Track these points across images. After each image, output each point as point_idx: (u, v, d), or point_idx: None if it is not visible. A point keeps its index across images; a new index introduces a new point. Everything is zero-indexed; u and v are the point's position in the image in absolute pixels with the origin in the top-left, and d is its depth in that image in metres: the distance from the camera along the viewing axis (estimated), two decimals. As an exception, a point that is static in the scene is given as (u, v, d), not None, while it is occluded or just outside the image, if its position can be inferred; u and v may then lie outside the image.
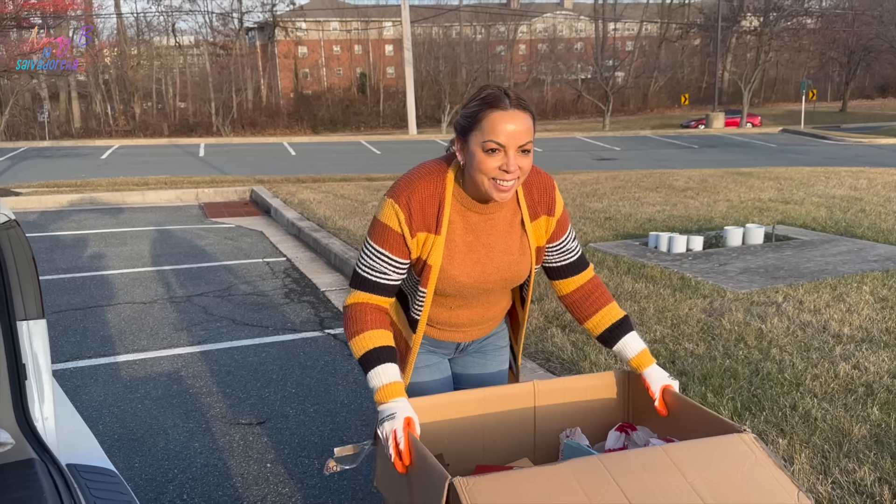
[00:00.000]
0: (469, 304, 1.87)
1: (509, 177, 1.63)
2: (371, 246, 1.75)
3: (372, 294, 1.77)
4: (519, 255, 1.83)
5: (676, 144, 24.45)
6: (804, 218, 7.40)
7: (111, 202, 11.09)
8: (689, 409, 1.77)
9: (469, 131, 1.64)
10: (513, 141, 1.60)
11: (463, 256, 1.77)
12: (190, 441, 3.28)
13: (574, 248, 1.93)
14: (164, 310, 5.33)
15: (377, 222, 1.74)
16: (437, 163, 1.77)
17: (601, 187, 10.38)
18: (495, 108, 1.59)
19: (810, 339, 3.80)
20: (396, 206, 1.69)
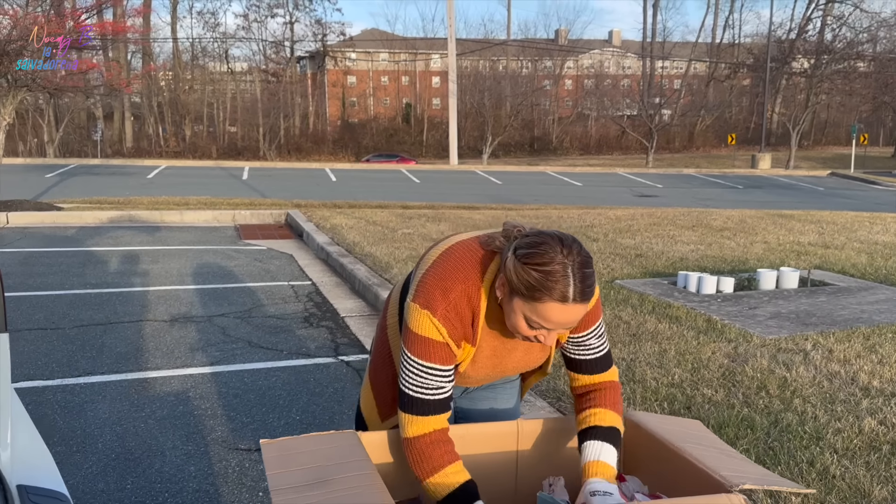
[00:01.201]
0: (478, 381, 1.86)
1: (546, 344, 1.56)
2: (415, 363, 1.59)
3: (432, 416, 1.59)
4: (539, 353, 1.78)
5: (720, 184, 24.07)
6: (843, 263, 7.14)
7: (149, 220, 11.28)
8: (682, 462, 1.65)
9: (518, 296, 1.47)
10: (562, 328, 1.50)
11: (485, 360, 1.72)
12: (186, 464, 3.23)
13: (596, 346, 1.75)
14: (184, 329, 5.34)
15: (416, 337, 1.58)
16: (471, 262, 1.60)
17: (636, 223, 10.21)
18: (555, 300, 1.42)
19: (836, 391, 3.61)
20: (436, 321, 1.56)
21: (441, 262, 1.61)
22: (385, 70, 50.59)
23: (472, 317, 1.60)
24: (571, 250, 1.44)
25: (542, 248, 1.44)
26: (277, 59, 46.36)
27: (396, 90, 49.36)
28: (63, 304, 5.98)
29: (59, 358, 4.63)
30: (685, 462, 1.62)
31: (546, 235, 1.48)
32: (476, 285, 1.59)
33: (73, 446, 3.39)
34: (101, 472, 3.13)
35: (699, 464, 1.59)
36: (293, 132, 42.67)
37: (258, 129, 39.93)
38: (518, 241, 1.50)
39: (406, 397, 1.59)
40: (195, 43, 44.88)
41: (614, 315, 5.05)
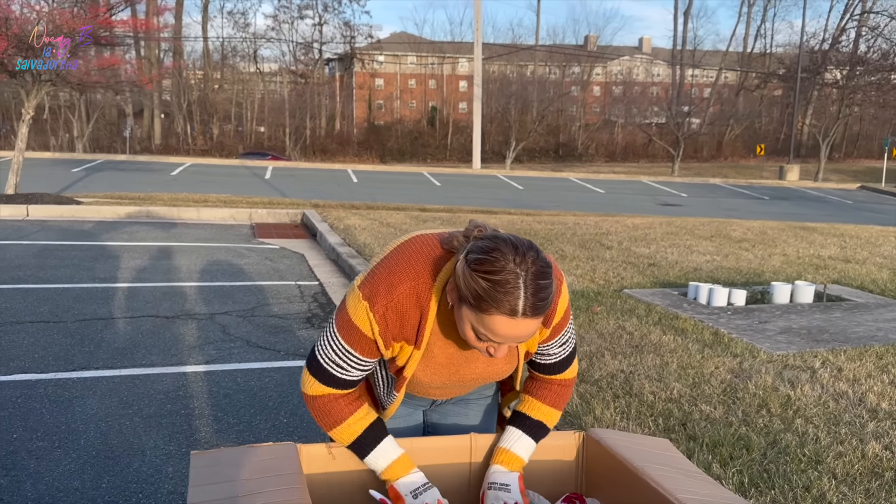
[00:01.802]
0: (443, 390, 1.73)
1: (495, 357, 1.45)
2: (336, 337, 1.53)
3: (334, 389, 1.57)
4: (504, 364, 1.65)
5: (746, 195, 23.71)
6: (863, 279, 6.93)
7: (166, 216, 11.33)
8: (641, 484, 1.55)
9: (465, 304, 1.36)
10: (511, 342, 1.38)
11: (439, 368, 1.60)
12: (164, 465, 3.18)
13: (556, 354, 1.67)
14: (184, 326, 5.31)
15: (348, 321, 1.51)
16: (426, 259, 1.49)
17: (652, 232, 10.04)
18: (504, 314, 1.31)
19: (842, 412, 3.46)
20: (371, 315, 1.47)
21: (395, 255, 1.51)
22: (412, 73, 50.68)
23: (420, 318, 1.49)
24: (525, 258, 1.31)
25: (493, 255, 1.31)
26: (306, 60, 46.64)
27: (423, 93, 49.41)
28: (69, 297, 5.98)
29: (57, 351, 4.61)
30: (644, 484, 1.51)
31: (500, 240, 1.34)
32: (427, 284, 1.48)
33: (56, 441, 3.35)
34: (79, 470, 3.09)
35: (657, 486, 1.48)
36: (319, 133, 42.87)
37: (284, 129, 40.18)
38: (472, 245, 1.38)
39: (315, 360, 1.56)
40: (225, 43, 45.34)
41: (618, 325, 4.92)
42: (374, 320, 1.46)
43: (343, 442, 1.58)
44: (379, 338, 1.49)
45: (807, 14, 55.63)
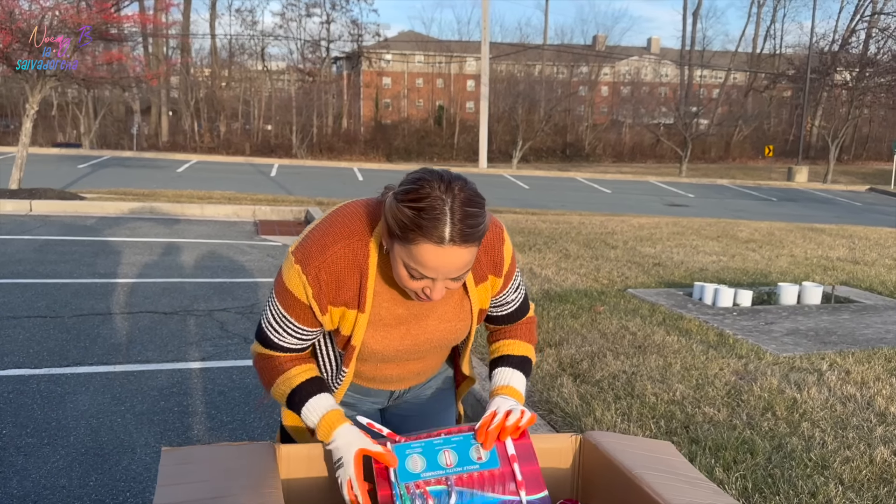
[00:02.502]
0: (397, 364, 1.62)
1: (430, 301, 1.38)
2: (276, 304, 1.48)
3: (278, 353, 1.54)
4: (457, 322, 1.57)
5: (754, 196, 23.55)
6: (871, 280, 6.82)
7: (170, 213, 11.29)
8: (638, 492, 1.46)
9: (395, 239, 1.31)
10: (443, 276, 1.31)
11: (389, 330, 1.51)
12: (154, 463, 3.11)
13: (514, 300, 1.65)
14: (182, 322, 5.25)
15: (281, 283, 1.45)
16: (360, 216, 1.44)
17: (658, 232, 9.93)
18: (429, 240, 1.25)
19: (850, 416, 3.36)
20: (304, 278, 1.40)
21: (328, 218, 1.46)
22: (419, 72, 50.60)
23: (360, 277, 1.42)
24: (451, 186, 1.26)
25: (418, 184, 1.27)
26: (313, 58, 46.59)
27: (430, 92, 49.31)
28: (68, 292, 5.93)
29: (52, 347, 4.56)
30: (641, 492, 1.43)
31: (428, 171, 1.31)
32: (363, 241, 1.42)
33: (45, 438, 3.29)
34: (67, 468, 3.03)
35: (655, 495, 1.40)
36: (325, 131, 42.83)
37: (291, 127, 40.17)
38: (400, 183, 1.34)
39: (259, 327, 1.55)
40: (233, 40, 45.35)
41: (621, 325, 4.84)
42: (308, 283, 1.40)
43: (280, 398, 1.53)
44: (313, 301, 1.42)
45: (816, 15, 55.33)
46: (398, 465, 1.39)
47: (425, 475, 1.39)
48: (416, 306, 1.50)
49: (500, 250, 1.54)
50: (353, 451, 1.39)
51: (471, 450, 1.47)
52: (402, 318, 1.50)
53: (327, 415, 1.46)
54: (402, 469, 1.38)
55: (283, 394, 1.52)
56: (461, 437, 1.48)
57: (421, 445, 1.44)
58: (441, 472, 1.41)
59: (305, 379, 1.52)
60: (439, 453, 1.44)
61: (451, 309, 1.55)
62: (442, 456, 1.44)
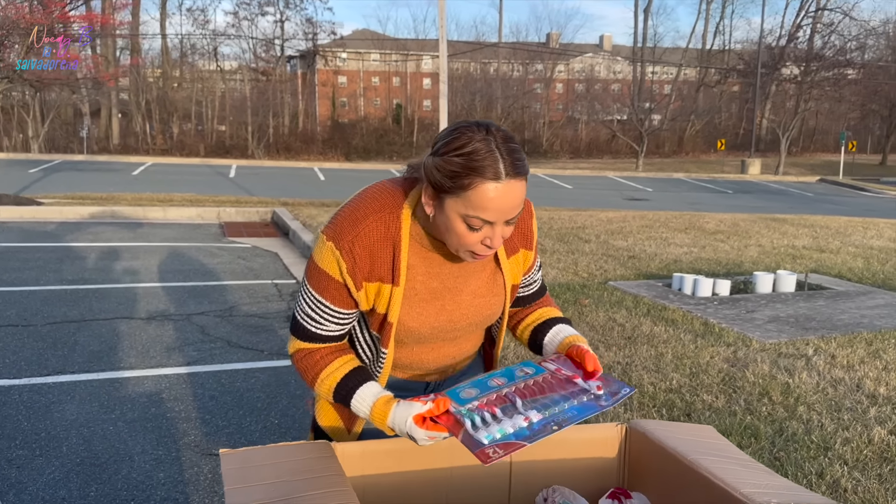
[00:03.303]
0: (433, 347, 1.59)
1: (490, 252, 1.36)
2: (309, 291, 1.46)
3: (315, 344, 1.51)
4: (491, 297, 1.55)
5: (710, 188, 24.02)
6: (839, 268, 7.02)
7: (132, 216, 11.04)
8: (696, 477, 1.47)
9: (447, 193, 1.29)
10: (503, 216, 1.30)
11: (425, 305, 1.49)
12: (155, 470, 3.03)
13: (538, 278, 1.68)
14: (161, 327, 5.13)
15: (316, 268, 1.43)
16: (390, 191, 1.44)
17: (628, 225, 10.06)
18: (486, 179, 1.25)
19: (842, 398, 3.45)
20: (338, 253, 1.39)
21: (357, 197, 1.45)
22: (376, 71, 50.38)
23: (393, 250, 1.41)
24: (489, 129, 1.29)
25: (456, 134, 1.29)
26: (267, 57, 46.00)
27: (387, 91, 49.14)
28: (37, 300, 5.75)
29: (29, 356, 4.41)
30: (700, 477, 1.44)
31: (459, 123, 1.32)
32: (395, 213, 1.41)
33: (36, 450, 3.18)
34: (64, 478, 2.93)
35: (717, 480, 1.41)
36: (282, 131, 42.34)
37: (247, 127, 39.61)
38: (433, 143, 1.35)
39: (294, 318, 1.51)
40: (184, 40, 44.50)
41: (608, 317, 4.88)
42: (342, 258, 1.38)
43: (327, 394, 1.49)
44: (348, 277, 1.40)
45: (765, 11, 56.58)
46: (455, 399, 1.37)
47: (482, 397, 1.38)
48: (451, 279, 1.49)
49: (529, 224, 1.56)
50: (409, 420, 1.36)
51: (515, 371, 1.47)
52: (436, 291, 1.48)
53: (377, 403, 1.43)
54: (458, 400, 1.37)
55: (329, 389, 1.49)
56: (503, 369, 1.49)
57: (468, 384, 1.44)
58: (497, 390, 1.40)
59: (349, 371, 1.48)
60: (488, 381, 1.44)
61: (484, 283, 1.54)
62: (491, 381, 1.43)
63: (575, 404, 1.38)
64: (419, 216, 1.42)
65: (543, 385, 1.44)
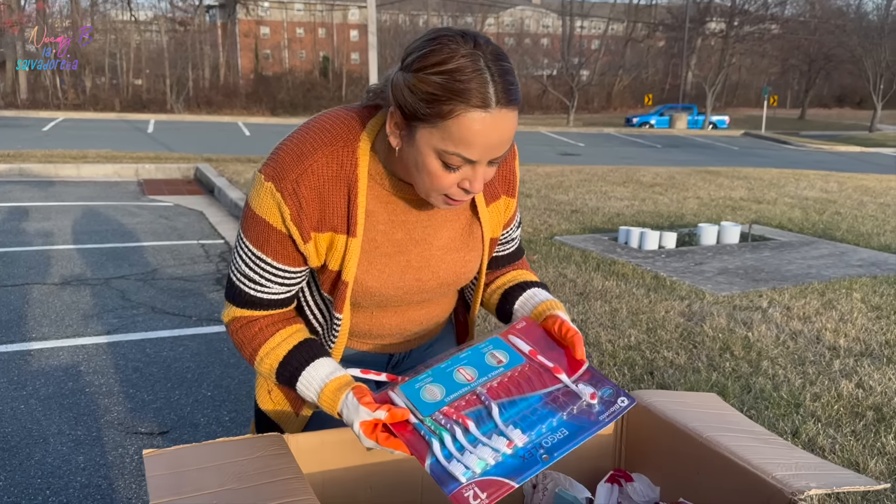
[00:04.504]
0: (398, 311, 1.31)
1: (468, 197, 1.08)
2: (245, 246, 1.16)
3: (255, 312, 1.21)
4: (466, 252, 1.27)
5: (640, 143, 24.27)
6: (779, 218, 7.05)
7: (42, 174, 10.28)
8: (713, 457, 1.27)
9: (420, 122, 1.01)
10: (488, 154, 1.01)
11: (387, 261, 1.20)
12: (73, 453, 2.70)
13: (517, 237, 1.40)
14: (77, 293, 4.70)
15: (250, 213, 1.14)
16: (343, 121, 1.14)
17: (566, 180, 9.95)
18: (472, 106, 0.97)
19: (803, 351, 3.37)
20: (279, 196, 1.09)
21: (301, 128, 1.16)
22: (300, 21, 48.66)
23: (348, 193, 1.13)
24: (477, 41, 0.99)
25: (437, 44, 0.99)
26: (185, 6, 43.86)
27: (313, 43, 47.62)
28: (-67, 265, 5.21)
29: (-77, 328, 3.95)
30: (718, 458, 1.24)
31: (439, 30, 1.02)
32: (349, 147, 1.12)
33: (-68, 435, 2.80)
34: (-34, 468, 2.57)
35: (741, 461, 1.21)
36: (202, 84, 40.62)
37: (165, 80, 37.85)
38: (405, 52, 1.04)
39: (229, 281, 1.22)
40: (94, -13, 41.90)
41: (558, 273, 4.71)
42: (284, 202, 1.10)
43: (268, 374, 1.21)
44: (293, 226, 1.12)
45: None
46: (416, 401, 1.09)
47: (450, 399, 1.11)
48: (418, 230, 1.21)
49: (512, 166, 1.28)
50: (356, 426, 1.08)
51: (485, 358, 1.20)
52: (400, 244, 1.21)
53: (325, 391, 1.15)
54: (420, 403, 1.10)
55: (270, 369, 1.21)
56: (468, 351, 1.21)
57: (429, 374, 1.16)
58: (467, 389, 1.12)
59: (295, 345, 1.20)
60: (453, 374, 1.16)
61: (459, 236, 1.26)
62: (458, 375, 1.15)
63: (564, 418, 1.10)
64: (380, 151, 1.13)
65: (520, 381, 1.17)
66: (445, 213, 1.23)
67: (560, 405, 1.12)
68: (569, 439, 1.05)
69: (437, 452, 1.00)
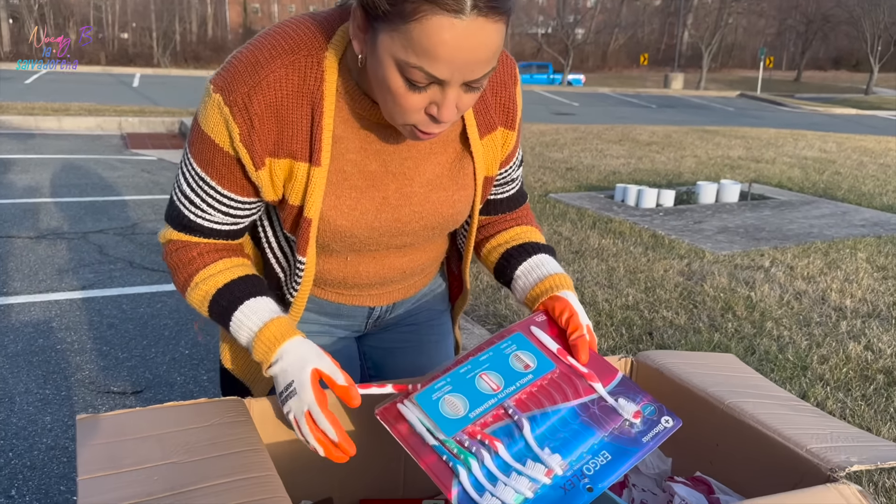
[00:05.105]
0: (375, 258, 1.12)
1: (438, 128, 0.88)
2: (189, 163, 0.98)
3: (196, 239, 1.03)
4: (455, 191, 1.07)
5: (634, 103, 23.96)
6: (779, 177, 6.89)
7: (22, 126, 9.99)
8: (739, 427, 1.12)
9: (381, 23, 0.82)
10: (461, 74, 0.82)
11: (359, 196, 1.00)
12: (40, 413, 2.55)
13: (518, 178, 1.20)
14: (52, 247, 4.51)
15: (198, 131, 0.95)
16: (308, 28, 0.94)
17: (561, 138, 9.73)
18: (440, 8, 0.77)
19: (809, 312, 3.23)
20: (227, 111, 0.90)
21: (259, 35, 0.96)
22: (291, -24, 47.63)
23: (311, 111, 0.94)
24: None
25: None
26: (172, -42, 42.77)
27: (303, -2, 46.72)
28: None
29: None
30: (743, 427, 1.09)
31: None
32: (314, 57, 0.93)
33: None
34: (-76, 428, 2.42)
35: (768, 431, 1.06)
36: (189, 38, 39.83)
37: (151, 34, 37.07)
38: None
39: (170, 203, 1.04)
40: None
41: (553, 231, 4.55)
42: (232, 118, 0.91)
43: (200, 304, 1.03)
44: (242, 149, 0.93)
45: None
46: (435, 417, 0.94)
47: (475, 415, 0.95)
48: (396, 161, 1.01)
49: (513, 93, 1.07)
50: (308, 370, 0.93)
51: (510, 361, 1.03)
52: (375, 177, 1.01)
53: (269, 324, 0.97)
54: (441, 420, 0.93)
55: (203, 297, 1.01)
56: (489, 352, 1.04)
57: (447, 381, 0.99)
58: (493, 401, 0.96)
59: (237, 277, 1.02)
60: (475, 381, 1.00)
61: (446, 171, 1.06)
62: (481, 382, 0.99)
63: (606, 440, 0.94)
64: (352, 65, 0.93)
65: (551, 390, 1.00)
66: (430, 144, 1.03)
67: (597, 422, 0.96)
68: (613, 466, 0.89)
69: (466, 482, 0.84)
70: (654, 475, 1.21)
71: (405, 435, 0.92)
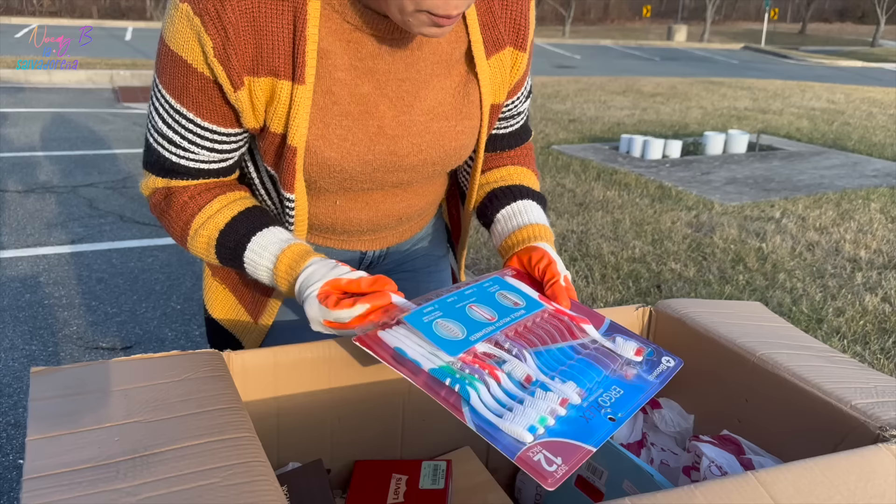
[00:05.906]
0: (368, 198, 0.99)
1: (448, 22, 0.75)
2: (160, 93, 0.84)
3: (182, 183, 0.90)
4: (459, 119, 0.93)
5: (637, 56, 23.55)
6: (787, 128, 6.72)
7: (11, 80, 9.77)
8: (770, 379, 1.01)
9: None
10: None
11: (350, 123, 0.86)
12: (26, 370, 2.46)
13: (523, 112, 1.06)
14: (41, 201, 4.39)
15: (166, 51, 0.81)
16: None
17: (563, 89, 9.52)
18: None
19: (822, 263, 3.12)
20: (197, 21, 0.76)
21: None
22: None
23: (294, 21, 0.81)
24: None
25: None
26: None
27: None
28: None
29: None
30: (778, 382, 0.98)
31: None
32: None
33: None
34: None
35: (807, 385, 0.95)
36: (185, -7, 39.12)
37: (145, -13, 36.29)
38: None
39: (146, 147, 0.91)
40: None
41: (556, 183, 4.42)
42: (204, 30, 0.77)
43: (206, 252, 0.92)
44: (218, 66, 0.79)
45: None
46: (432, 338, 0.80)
47: (475, 339, 0.81)
48: (392, 84, 0.88)
49: (525, 8, 0.94)
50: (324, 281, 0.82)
51: (496, 298, 0.92)
52: (368, 101, 0.87)
53: (282, 257, 0.87)
54: (439, 341, 0.82)
55: (206, 245, 0.90)
56: (473, 287, 0.92)
57: (435, 307, 0.87)
58: (491, 328, 0.84)
59: (241, 210, 0.90)
60: (466, 310, 0.88)
61: (450, 97, 0.93)
62: (473, 312, 0.86)
63: (610, 376, 0.82)
64: None
65: (544, 330, 0.89)
66: (431, 66, 0.89)
67: (597, 361, 0.84)
68: (627, 399, 0.78)
69: (478, 404, 0.72)
70: (675, 433, 1.11)
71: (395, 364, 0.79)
